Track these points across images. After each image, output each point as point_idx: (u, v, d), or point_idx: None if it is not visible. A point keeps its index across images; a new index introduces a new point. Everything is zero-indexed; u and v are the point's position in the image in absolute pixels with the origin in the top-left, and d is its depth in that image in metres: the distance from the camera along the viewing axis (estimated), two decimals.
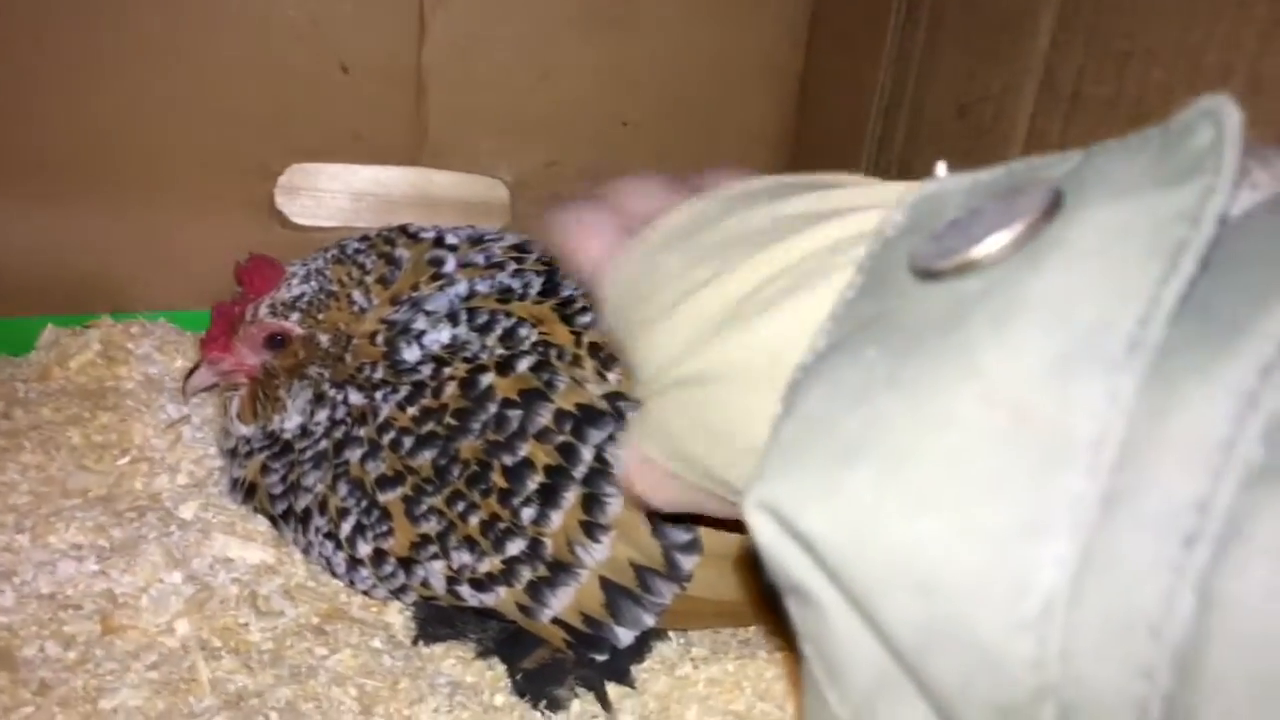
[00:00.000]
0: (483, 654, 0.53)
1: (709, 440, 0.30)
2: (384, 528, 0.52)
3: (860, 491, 0.20)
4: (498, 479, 0.50)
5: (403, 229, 0.59)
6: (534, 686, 0.51)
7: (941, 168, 0.25)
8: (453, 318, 0.54)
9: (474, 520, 0.50)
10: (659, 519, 0.48)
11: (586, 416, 0.50)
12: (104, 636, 0.50)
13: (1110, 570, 0.17)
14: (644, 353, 0.33)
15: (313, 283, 0.56)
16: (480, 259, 0.56)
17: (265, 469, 0.57)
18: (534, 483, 0.49)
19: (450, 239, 0.58)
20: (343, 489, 0.53)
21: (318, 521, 0.54)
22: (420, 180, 0.74)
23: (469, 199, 0.75)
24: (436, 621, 0.54)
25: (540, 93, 0.73)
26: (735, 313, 0.30)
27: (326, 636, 0.53)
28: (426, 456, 0.51)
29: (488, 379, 0.51)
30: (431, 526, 0.51)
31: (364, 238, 0.59)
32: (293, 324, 0.56)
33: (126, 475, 0.61)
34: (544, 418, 0.50)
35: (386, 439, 0.52)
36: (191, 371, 0.60)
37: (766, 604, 0.47)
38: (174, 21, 0.67)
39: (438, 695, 0.50)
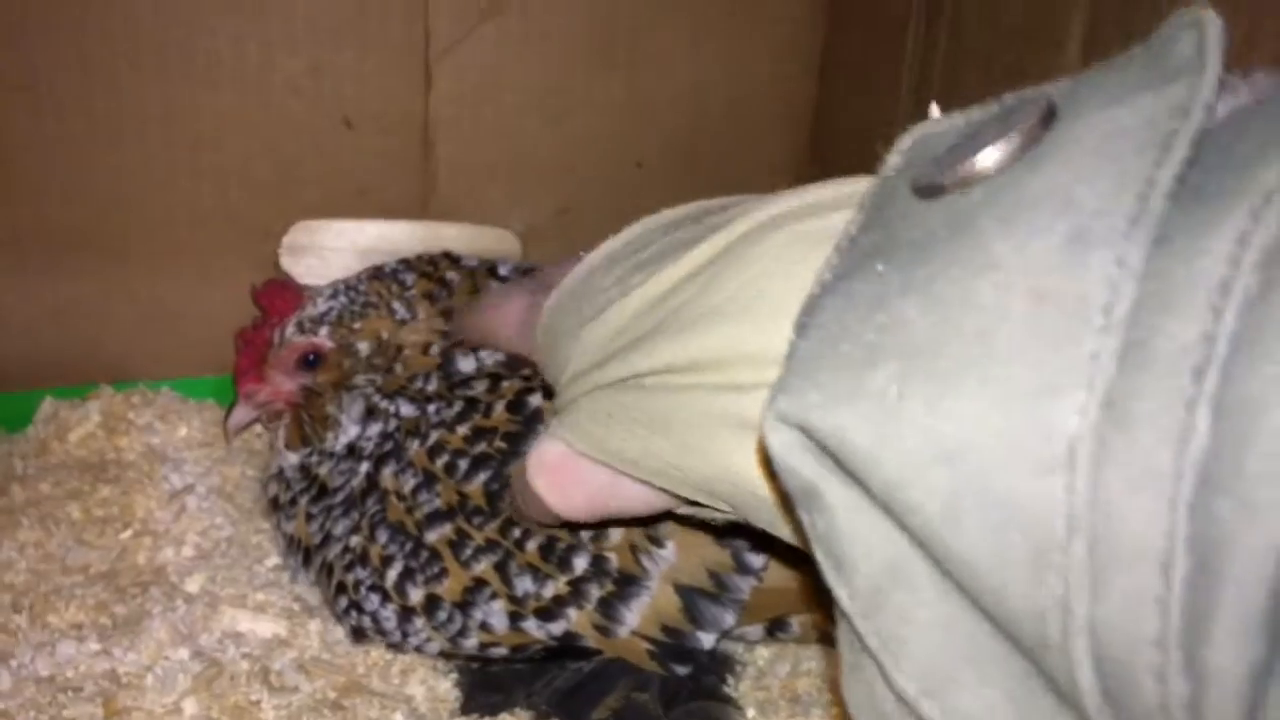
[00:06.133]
0: (542, 716, 0.49)
1: (652, 433, 0.30)
2: (435, 569, 0.49)
3: (885, 387, 0.21)
4: None
5: (446, 254, 0.57)
6: None
7: (935, 109, 0.27)
8: None
9: (531, 545, 0.47)
10: None
11: None
12: (107, 719, 0.46)
13: (1129, 411, 0.18)
14: (570, 359, 0.33)
15: (342, 298, 0.55)
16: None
17: (308, 517, 0.54)
18: None
19: (502, 270, 0.57)
20: (382, 535, 0.50)
21: (359, 574, 0.51)
22: (429, 234, 0.72)
23: (479, 251, 0.73)
24: (484, 689, 0.50)
25: (550, 138, 0.71)
26: (667, 306, 0.30)
27: (345, 712, 0.49)
28: (480, 480, 0.48)
29: (535, 400, 0.49)
30: (486, 563, 0.48)
31: (402, 260, 0.57)
32: (323, 338, 0.54)
33: (129, 549, 0.57)
34: None
35: (440, 463, 0.49)
36: (229, 411, 0.57)
37: None
38: (169, 84, 0.65)
39: None
